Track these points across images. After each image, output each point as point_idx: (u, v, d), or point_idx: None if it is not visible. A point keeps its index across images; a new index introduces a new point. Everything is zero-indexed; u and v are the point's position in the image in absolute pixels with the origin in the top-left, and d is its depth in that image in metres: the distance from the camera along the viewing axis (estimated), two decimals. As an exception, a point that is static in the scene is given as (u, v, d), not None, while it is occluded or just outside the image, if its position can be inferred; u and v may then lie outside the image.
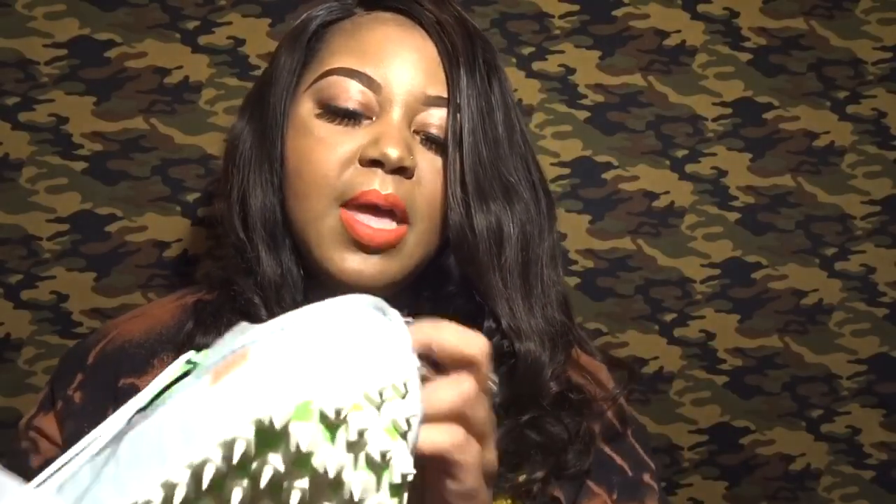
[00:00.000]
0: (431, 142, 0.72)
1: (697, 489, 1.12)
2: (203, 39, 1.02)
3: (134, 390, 0.71)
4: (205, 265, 1.02)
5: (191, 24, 1.02)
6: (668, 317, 1.10)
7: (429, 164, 0.72)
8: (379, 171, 0.69)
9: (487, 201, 0.72)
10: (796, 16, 1.11)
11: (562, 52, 1.08)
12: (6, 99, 0.99)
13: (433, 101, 0.72)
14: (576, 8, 1.08)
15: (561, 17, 1.08)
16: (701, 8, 1.10)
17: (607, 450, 0.76)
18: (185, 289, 0.83)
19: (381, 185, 0.69)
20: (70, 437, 0.71)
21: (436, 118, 0.72)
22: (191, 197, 1.02)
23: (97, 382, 0.73)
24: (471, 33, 0.75)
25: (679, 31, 1.09)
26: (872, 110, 1.12)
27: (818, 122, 1.12)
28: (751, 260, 1.11)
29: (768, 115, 1.11)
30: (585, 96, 1.08)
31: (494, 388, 0.53)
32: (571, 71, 1.08)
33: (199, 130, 1.02)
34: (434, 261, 0.76)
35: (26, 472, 0.70)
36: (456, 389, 0.48)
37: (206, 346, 0.68)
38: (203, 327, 0.72)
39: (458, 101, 0.72)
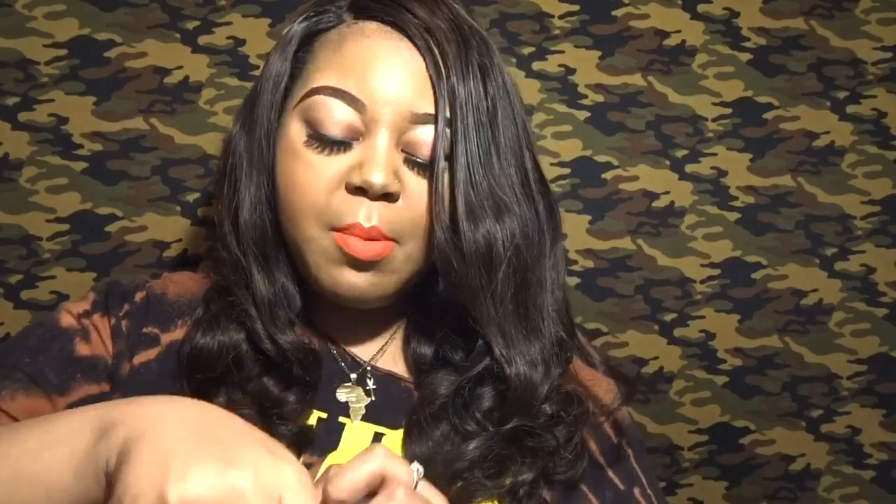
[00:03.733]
0: (419, 162, 0.69)
1: (697, 489, 1.12)
2: (203, 39, 1.02)
3: (154, 339, 0.73)
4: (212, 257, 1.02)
5: (191, 24, 1.02)
6: (668, 317, 1.10)
7: (418, 185, 0.70)
8: (364, 198, 0.68)
9: (477, 224, 0.68)
10: (796, 16, 1.11)
11: (562, 52, 1.08)
12: (6, 99, 0.99)
13: (421, 119, 0.69)
14: (576, 8, 1.08)
15: (561, 17, 1.08)
16: (701, 8, 1.10)
17: (602, 461, 0.76)
18: (205, 263, 0.84)
19: (365, 216, 0.68)
20: (117, 356, 0.72)
21: (424, 136, 0.69)
22: (191, 197, 1.02)
23: (136, 322, 0.74)
24: (465, 37, 0.70)
25: (679, 31, 1.09)
26: (872, 110, 1.12)
27: (818, 122, 1.12)
28: (751, 260, 1.11)
29: (768, 115, 1.11)
30: (585, 96, 1.08)
31: (419, 474, 0.54)
32: (571, 71, 1.08)
33: (199, 130, 1.02)
34: (429, 276, 0.75)
35: (70, 354, 0.71)
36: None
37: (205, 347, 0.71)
38: (201, 330, 0.72)
39: (448, 116, 0.68)
